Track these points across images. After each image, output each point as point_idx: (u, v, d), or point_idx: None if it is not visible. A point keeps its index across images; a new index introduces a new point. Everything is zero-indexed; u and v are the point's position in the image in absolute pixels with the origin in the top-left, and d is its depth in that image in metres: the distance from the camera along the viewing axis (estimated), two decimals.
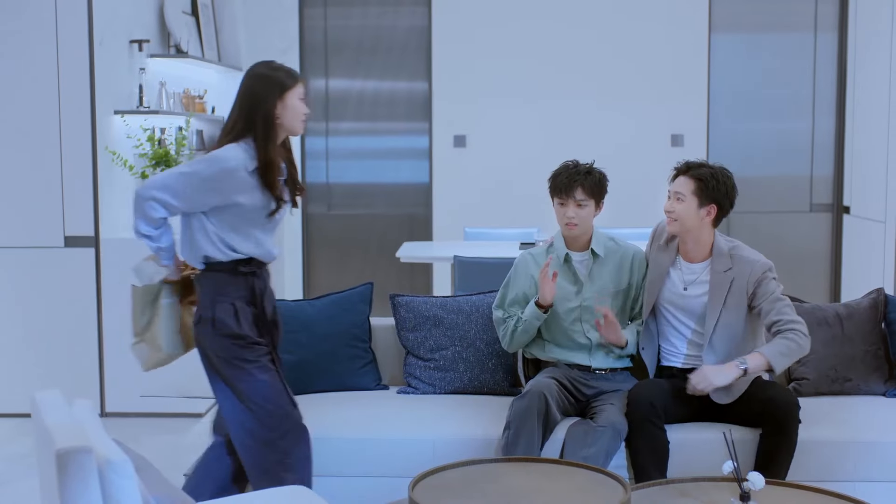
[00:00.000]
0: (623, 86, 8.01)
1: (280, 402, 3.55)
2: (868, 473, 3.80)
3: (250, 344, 3.56)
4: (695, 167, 3.93)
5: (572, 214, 4.03)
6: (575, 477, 3.24)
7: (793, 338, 3.77)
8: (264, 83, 3.51)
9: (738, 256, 3.94)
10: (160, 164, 5.69)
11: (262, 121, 3.49)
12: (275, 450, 3.52)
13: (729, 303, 3.89)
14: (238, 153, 3.46)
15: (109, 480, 2.38)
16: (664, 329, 4.04)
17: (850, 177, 7.91)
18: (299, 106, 3.55)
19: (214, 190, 3.45)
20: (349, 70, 8.24)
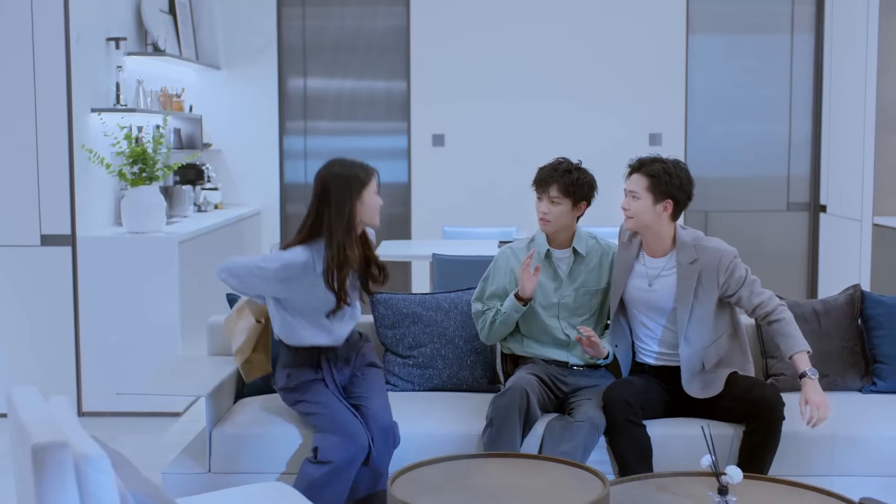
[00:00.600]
0: (601, 85, 8.03)
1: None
2: (846, 468, 3.82)
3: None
4: (647, 164, 3.93)
5: (545, 210, 4.05)
6: (554, 472, 3.24)
7: (789, 317, 3.86)
8: (341, 183, 3.74)
9: (702, 247, 3.93)
10: (137, 162, 5.65)
11: (339, 221, 3.70)
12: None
13: (700, 295, 3.89)
14: (306, 256, 3.71)
15: (86, 475, 2.36)
16: (634, 326, 4.05)
17: (827, 176, 7.95)
18: (375, 200, 3.77)
19: (283, 287, 3.73)
20: (327, 70, 8.22)
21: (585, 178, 4.07)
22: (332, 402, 3.79)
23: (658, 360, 4.00)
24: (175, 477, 3.85)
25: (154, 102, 6.72)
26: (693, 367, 3.90)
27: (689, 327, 3.89)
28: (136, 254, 5.67)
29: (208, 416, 3.91)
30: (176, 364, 4.61)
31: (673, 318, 3.94)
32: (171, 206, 6.61)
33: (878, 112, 7.02)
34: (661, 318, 3.97)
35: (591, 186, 4.08)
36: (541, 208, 4.07)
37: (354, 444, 3.63)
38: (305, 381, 3.85)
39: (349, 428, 3.68)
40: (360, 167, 3.80)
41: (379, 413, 3.77)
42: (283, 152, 8.26)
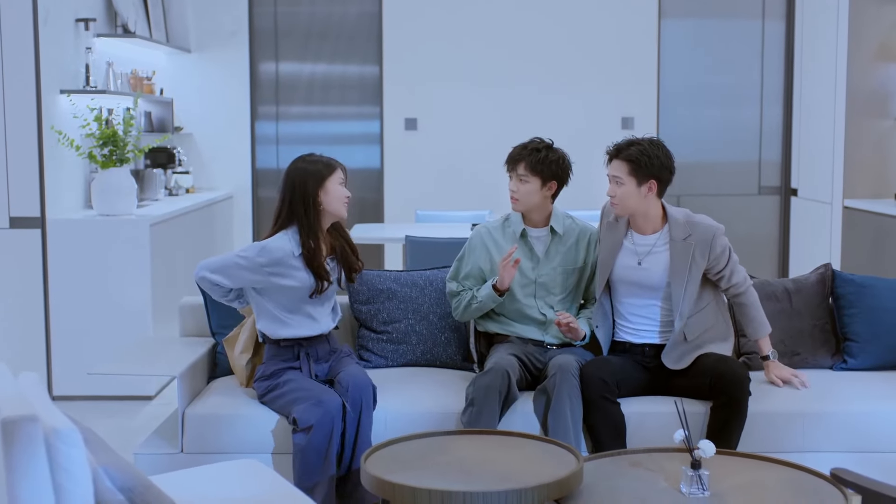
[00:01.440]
0: (573, 69, 8.03)
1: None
2: (816, 444, 3.84)
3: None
4: (624, 148, 3.93)
5: (513, 188, 4.07)
6: (528, 448, 3.25)
7: (754, 299, 4.00)
8: (304, 177, 3.87)
9: (694, 223, 3.98)
10: (107, 144, 5.60)
11: (305, 210, 3.85)
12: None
13: (693, 271, 3.93)
14: (284, 242, 3.84)
15: (56, 449, 2.34)
16: (619, 306, 4.05)
17: (798, 160, 8.00)
18: (340, 190, 3.90)
19: (265, 273, 3.83)
20: (299, 54, 8.18)
21: (554, 157, 4.06)
22: (300, 379, 3.84)
23: (641, 338, 4.01)
24: (147, 457, 3.83)
25: (124, 85, 6.66)
26: (677, 339, 3.94)
27: (683, 303, 3.92)
28: (106, 236, 5.63)
29: (180, 397, 3.88)
30: (147, 345, 4.58)
31: (665, 296, 3.96)
32: (142, 189, 6.56)
33: (849, 96, 7.06)
34: (649, 296, 3.99)
35: (560, 165, 4.07)
36: (509, 186, 4.10)
37: (321, 406, 3.67)
38: (280, 370, 3.89)
39: (317, 393, 3.73)
40: (324, 162, 3.93)
41: (353, 374, 3.82)
42: (255, 137, 8.21)
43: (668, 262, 3.94)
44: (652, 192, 3.92)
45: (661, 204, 4.00)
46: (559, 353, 4.01)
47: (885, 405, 3.92)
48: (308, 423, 3.64)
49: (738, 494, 2.94)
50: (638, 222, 4.00)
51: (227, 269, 3.87)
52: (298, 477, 3.64)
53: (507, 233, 4.14)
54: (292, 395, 3.78)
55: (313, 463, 3.62)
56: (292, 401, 3.75)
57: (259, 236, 8.12)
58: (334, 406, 3.69)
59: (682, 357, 3.93)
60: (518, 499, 2.85)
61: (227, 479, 3.02)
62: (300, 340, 3.92)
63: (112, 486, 2.48)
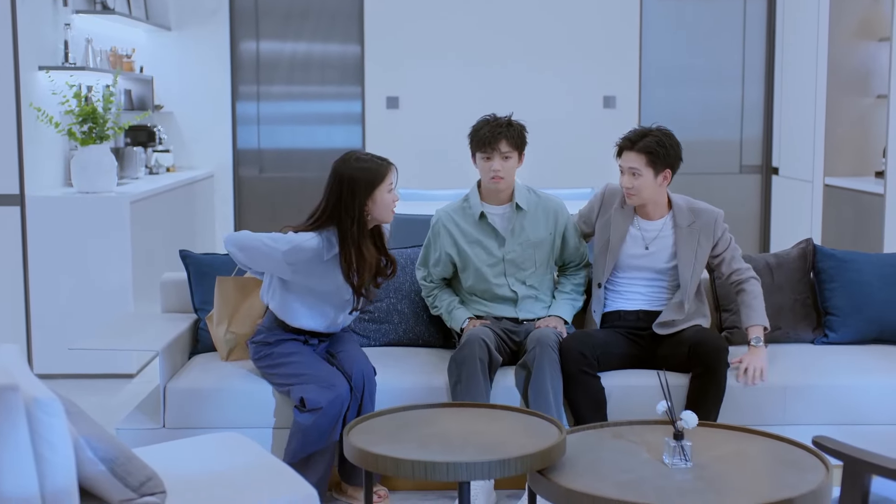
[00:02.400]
0: (555, 47, 8.01)
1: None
2: (797, 417, 3.87)
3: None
4: (637, 140, 3.93)
5: (498, 167, 3.98)
6: (511, 420, 3.25)
7: (757, 289, 4.02)
8: (353, 182, 3.66)
9: (697, 209, 4.06)
10: (87, 121, 5.56)
11: (349, 219, 3.66)
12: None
13: (699, 255, 4.00)
14: (316, 243, 3.66)
15: (37, 419, 2.33)
16: (621, 289, 4.08)
17: (779, 139, 8.02)
18: (388, 198, 3.70)
19: (289, 270, 3.69)
20: (280, 33, 8.13)
21: (523, 129, 4.05)
22: (306, 354, 3.81)
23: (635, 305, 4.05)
24: (129, 433, 3.81)
25: (104, 62, 6.61)
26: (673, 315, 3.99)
27: (690, 285, 3.99)
28: (86, 214, 5.59)
29: (162, 372, 3.87)
30: (129, 320, 4.56)
31: (670, 277, 4.02)
32: (122, 167, 6.51)
33: (830, 74, 7.07)
34: (654, 278, 4.05)
35: (526, 137, 4.07)
36: (493, 167, 3.98)
37: (334, 390, 3.65)
38: (283, 340, 3.84)
39: (324, 375, 3.70)
40: (376, 164, 3.73)
41: (354, 356, 3.80)
42: (237, 117, 8.16)
43: (674, 246, 4.00)
44: (666, 181, 3.97)
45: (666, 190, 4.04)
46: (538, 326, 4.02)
47: (866, 378, 3.96)
48: (317, 404, 3.61)
49: (721, 465, 2.95)
50: (647, 209, 4.04)
51: (250, 250, 3.76)
52: (293, 453, 3.64)
53: (468, 214, 4.12)
54: (299, 372, 3.73)
55: (313, 443, 3.62)
56: (299, 378, 3.71)
57: (240, 216, 8.10)
58: (345, 391, 3.68)
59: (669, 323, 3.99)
60: (501, 469, 2.85)
61: (210, 452, 3.01)
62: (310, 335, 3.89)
63: (94, 456, 2.47)
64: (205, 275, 4.21)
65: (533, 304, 4.11)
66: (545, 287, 4.14)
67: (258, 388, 3.85)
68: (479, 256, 4.06)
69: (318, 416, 3.61)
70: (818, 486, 2.70)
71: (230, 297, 4.02)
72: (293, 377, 3.74)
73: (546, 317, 4.08)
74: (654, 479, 2.82)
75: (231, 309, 4.03)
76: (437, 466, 2.83)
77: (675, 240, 4.01)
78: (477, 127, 4.05)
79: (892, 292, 4.30)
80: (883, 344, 4.31)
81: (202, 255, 4.35)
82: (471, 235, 4.08)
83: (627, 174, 3.94)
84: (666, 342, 3.97)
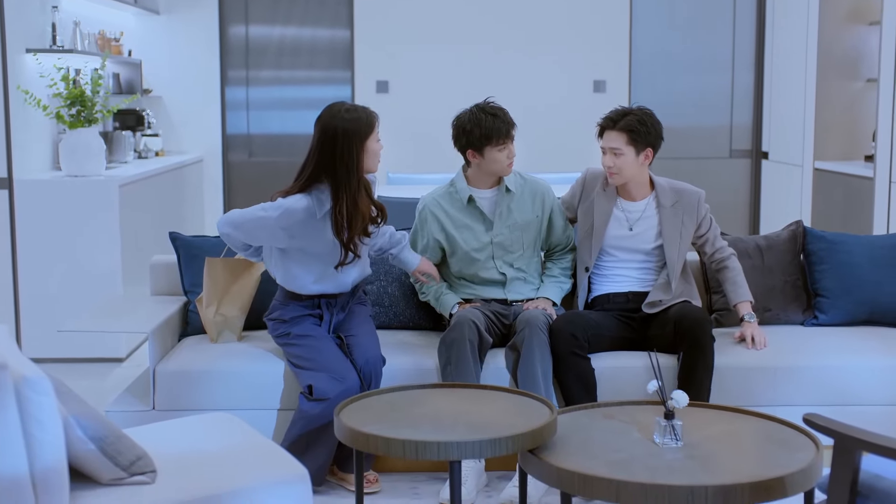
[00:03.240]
0: (546, 32, 8.00)
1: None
2: (788, 398, 3.88)
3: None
4: (619, 118, 3.94)
5: (509, 155, 4.00)
6: (502, 400, 3.25)
7: (737, 265, 4.10)
8: (346, 132, 3.61)
9: (679, 189, 4.09)
10: (75, 104, 5.53)
11: (345, 171, 3.61)
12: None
13: (684, 235, 4.02)
14: (306, 202, 3.63)
15: (26, 398, 2.32)
16: (604, 268, 4.08)
17: (769, 124, 8.03)
18: (377, 147, 3.70)
19: (284, 235, 3.66)
20: (269, 17, 8.10)
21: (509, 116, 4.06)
22: (321, 339, 3.77)
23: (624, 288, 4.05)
24: (118, 415, 3.80)
25: (92, 45, 6.58)
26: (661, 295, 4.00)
27: (676, 264, 4.01)
28: (75, 197, 5.56)
29: (152, 354, 3.86)
30: (118, 303, 4.55)
31: (656, 257, 4.04)
32: (111, 151, 6.48)
33: (820, 59, 7.07)
34: (640, 259, 4.06)
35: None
36: (509, 154, 3.99)
37: (343, 383, 3.63)
38: (300, 316, 3.81)
39: (336, 367, 3.68)
40: (366, 113, 3.68)
41: (365, 344, 3.78)
42: (226, 102, 8.13)
43: (659, 226, 4.02)
44: (647, 160, 3.99)
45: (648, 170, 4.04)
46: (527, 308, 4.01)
47: (855, 359, 3.97)
48: (325, 395, 3.61)
49: (711, 444, 2.95)
50: (630, 190, 4.05)
51: (244, 225, 3.71)
52: (294, 439, 3.64)
53: (455, 199, 4.11)
54: (311, 357, 3.71)
55: (315, 431, 3.61)
56: (310, 364, 3.69)
57: (230, 200, 8.08)
58: (354, 385, 3.66)
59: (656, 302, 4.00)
60: (492, 448, 2.84)
61: (200, 432, 3.00)
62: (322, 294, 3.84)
63: (83, 435, 2.47)
64: (194, 257, 4.19)
65: (522, 285, 4.11)
66: (533, 269, 4.15)
67: (248, 370, 3.84)
68: (468, 240, 4.06)
69: (324, 407, 3.60)
70: (808, 465, 2.70)
71: (219, 279, 4.00)
72: (306, 361, 3.71)
73: (535, 298, 4.08)
74: (645, 459, 2.82)
75: (220, 291, 4.01)
76: (427, 445, 2.82)
77: (659, 219, 4.03)
78: (477, 121, 3.96)
79: (882, 274, 4.30)
80: (873, 325, 4.32)
81: (192, 237, 4.33)
82: (458, 220, 4.08)
83: (609, 154, 3.95)
84: (655, 322, 3.98)
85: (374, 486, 3.76)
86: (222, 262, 4.02)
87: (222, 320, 4.03)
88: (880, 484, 2.46)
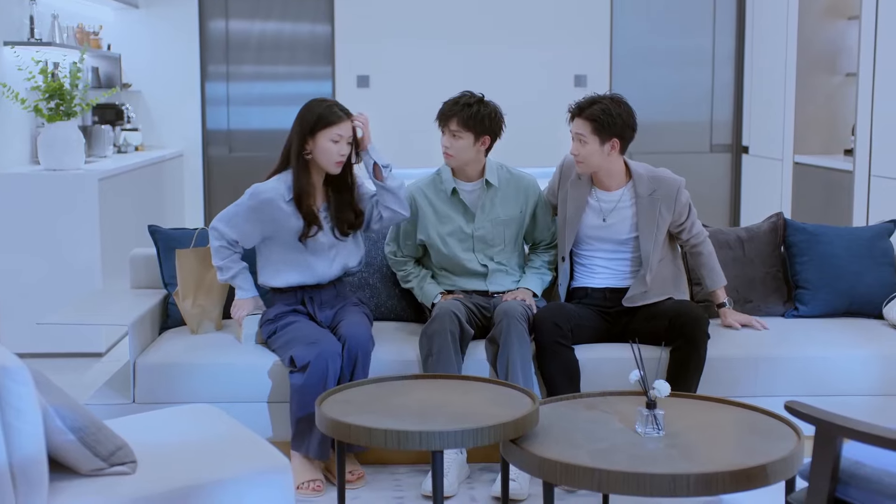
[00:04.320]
0: (527, 26, 8.00)
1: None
2: (769, 389, 3.88)
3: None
4: (586, 107, 3.92)
5: (447, 144, 4.01)
6: (484, 391, 3.25)
7: (709, 247, 4.09)
8: (302, 120, 3.81)
9: (657, 178, 4.02)
10: (54, 97, 5.49)
11: (295, 156, 3.79)
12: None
13: (660, 225, 3.97)
14: (274, 185, 3.81)
15: (5, 387, 2.30)
16: (583, 259, 4.07)
17: (749, 119, 8.06)
18: (330, 147, 3.77)
19: (257, 220, 3.80)
20: (249, 11, 8.06)
21: (486, 112, 3.99)
22: (299, 320, 3.84)
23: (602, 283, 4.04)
24: (98, 408, 3.76)
25: (70, 38, 6.53)
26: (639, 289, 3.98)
27: (653, 256, 3.97)
28: (54, 191, 5.52)
29: (132, 347, 3.83)
30: (98, 296, 4.52)
31: (632, 249, 4.01)
32: (90, 146, 6.44)
33: (799, 54, 7.10)
34: (615, 250, 4.03)
35: (492, 120, 4.00)
36: (443, 142, 4.02)
37: (318, 345, 3.66)
38: (284, 313, 3.88)
39: (310, 333, 3.74)
40: (329, 110, 3.81)
41: (354, 324, 3.80)
42: (206, 99, 8.09)
43: (634, 217, 3.98)
44: (615, 151, 3.93)
45: (623, 160, 4.00)
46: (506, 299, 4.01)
47: (835, 350, 3.98)
48: (304, 361, 3.62)
49: (693, 433, 2.95)
50: (602, 179, 4.02)
51: (231, 220, 3.85)
52: (294, 416, 3.66)
53: (440, 190, 4.11)
54: (291, 336, 3.76)
55: (309, 403, 3.59)
56: (290, 342, 3.73)
57: (210, 196, 8.04)
58: (331, 347, 3.68)
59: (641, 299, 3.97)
60: (475, 438, 2.84)
61: (181, 423, 2.98)
62: (302, 287, 3.90)
63: (63, 425, 2.45)
64: (174, 249, 4.16)
65: (503, 277, 4.11)
66: (513, 263, 4.15)
67: (228, 362, 3.82)
68: (448, 234, 4.06)
69: (307, 375, 3.61)
70: (790, 453, 2.71)
71: (193, 269, 4.00)
72: (284, 340, 3.77)
73: (515, 289, 4.08)
74: (627, 448, 2.82)
75: (195, 281, 4.01)
76: (410, 435, 2.82)
77: (635, 210, 3.98)
78: (446, 100, 4.06)
79: (862, 265, 4.32)
80: (853, 317, 4.33)
81: (171, 229, 4.32)
82: (441, 210, 4.07)
83: (576, 140, 3.93)
84: (638, 316, 3.97)
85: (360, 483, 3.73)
86: (193, 253, 4.02)
87: (200, 311, 4.02)
88: (861, 471, 2.47)
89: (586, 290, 4.05)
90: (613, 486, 2.63)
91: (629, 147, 4.00)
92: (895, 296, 4.24)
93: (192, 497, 2.52)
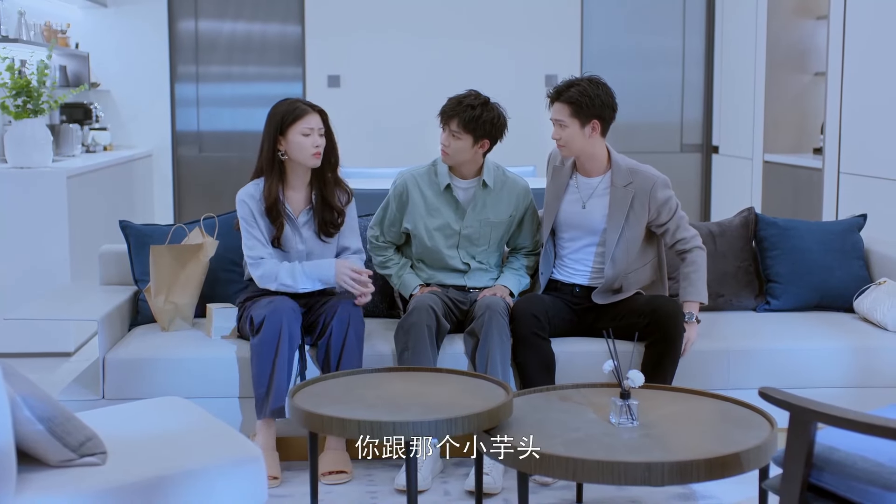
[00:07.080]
0: (498, 24, 8.02)
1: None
2: (741, 381, 3.89)
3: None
4: (564, 90, 3.89)
5: (445, 142, 3.98)
6: (458, 383, 3.24)
7: (699, 259, 3.95)
8: (269, 123, 3.82)
9: (636, 171, 3.96)
10: (21, 94, 5.43)
11: (267, 159, 3.81)
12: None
13: (630, 219, 3.92)
14: (250, 189, 3.84)
15: None
16: (559, 248, 4.06)
17: (719, 119, 8.10)
18: (302, 141, 3.77)
19: (246, 223, 3.82)
20: (219, 11, 8.02)
21: (489, 116, 3.95)
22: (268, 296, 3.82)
23: (571, 278, 4.02)
24: (67, 404, 3.63)
25: (38, 36, 6.48)
26: (609, 287, 3.95)
27: (616, 248, 3.92)
28: (21, 189, 5.46)
29: (101, 342, 3.79)
30: (67, 292, 4.47)
31: (601, 241, 3.97)
32: (58, 145, 6.38)
33: (769, 53, 7.14)
34: (587, 239, 4.00)
35: (494, 124, 3.97)
36: (442, 139, 4.00)
37: (274, 303, 3.67)
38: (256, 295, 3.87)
39: (275, 298, 3.74)
40: (294, 105, 3.83)
41: (340, 299, 3.80)
42: (175, 100, 8.04)
43: (608, 206, 3.93)
44: (596, 132, 3.89)
45: (606, 146, 3.98)
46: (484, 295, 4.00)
47: (806, 343, 4.00)
48: (260, 318, 3.64)
49: (667, 423, 2.95)
50: (584, 164, 3.99)
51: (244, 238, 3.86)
52: (256, 379, 3.64)
53: (433, 183, 4.10)
54: (251, 308, 3.77)
55: (265, 359, 3.58)
56: (251, 308, 3.76)
57: (180, 195, 8.00)
58: (287, 304, 3.69)
59: (606, 294, 3.97)
60: (448, 428, 2.83)
61: (151, 415, 2.95)
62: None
63: (31, 415, 2.41)
64: (145, 245, 4.13)
65: (482, 274, 4.10)
66: (492, 262, 4.14)
67: (198, 357, 3.79)
68: (436, 228, 4.04)
69: (263, 331, 3.61)
70: (763, 441, 2.72)
71: (167, 267, 3.96)
72: (247, 316, 3.78)
73: (493, 286, 4.07)
74: (602, 438, 2.82)
75: (169, 279, 3.97)
76: (383, 425, 2.80)
77: (609, 200, 3.95)
78: (451, 97, 4.03)
79: (832, 259, 4.34)
80: (823, 311, 4.36)
81: (142, 225, 4.28)
82: (432, 204, 4.05)
83: (556, 126, 3.91)
84: (611, 311, 3.94)
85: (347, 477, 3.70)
86: (168, 250, 3.98)
87: (173, 308, 3.98)
88: (835, 456, 2.47)
89: (557, 284, 4.04)
90: (588, 475, 2.62)
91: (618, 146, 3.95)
92: (866, 289, 4.26)
93: (163, 488, 2.49)
